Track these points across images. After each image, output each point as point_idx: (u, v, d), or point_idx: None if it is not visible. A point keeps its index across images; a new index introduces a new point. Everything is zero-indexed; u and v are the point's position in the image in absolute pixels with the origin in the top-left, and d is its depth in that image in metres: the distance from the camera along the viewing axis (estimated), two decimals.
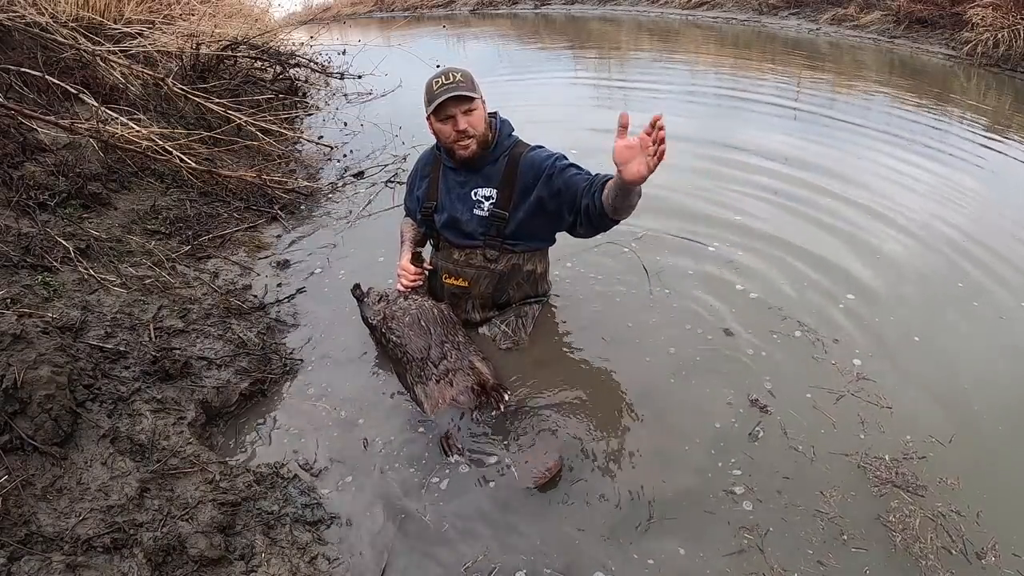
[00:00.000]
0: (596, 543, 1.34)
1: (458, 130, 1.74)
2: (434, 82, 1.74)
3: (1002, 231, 2.65)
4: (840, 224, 2.69)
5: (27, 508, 1.25)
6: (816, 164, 3.40)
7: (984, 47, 6.12)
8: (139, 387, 1.62)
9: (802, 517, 1.37)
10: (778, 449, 1.55)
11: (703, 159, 3.48)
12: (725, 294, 2.19)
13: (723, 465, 1.51)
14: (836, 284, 2.24)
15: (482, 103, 1.79)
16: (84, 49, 3.19)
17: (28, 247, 2.00)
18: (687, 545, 1.32)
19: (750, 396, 1.71)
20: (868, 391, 1.73)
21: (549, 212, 1.81)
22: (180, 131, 3.08)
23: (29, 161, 2.51)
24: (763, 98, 4.94)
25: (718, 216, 2.78)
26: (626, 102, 4.96)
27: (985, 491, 1.42)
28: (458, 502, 1.44)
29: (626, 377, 1.80)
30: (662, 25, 10.04)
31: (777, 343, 1.93)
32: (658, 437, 1.59)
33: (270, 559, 1.29)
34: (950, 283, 2.27)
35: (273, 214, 2.94)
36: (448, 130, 1.76)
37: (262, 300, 2.24)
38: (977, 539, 1.31)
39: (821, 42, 7.90)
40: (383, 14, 15.84)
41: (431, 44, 9.02)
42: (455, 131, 1.75)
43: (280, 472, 1.51)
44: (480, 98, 1.77)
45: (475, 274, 1.92)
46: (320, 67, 5.34)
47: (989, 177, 3.32)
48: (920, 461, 1.49)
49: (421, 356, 1.72)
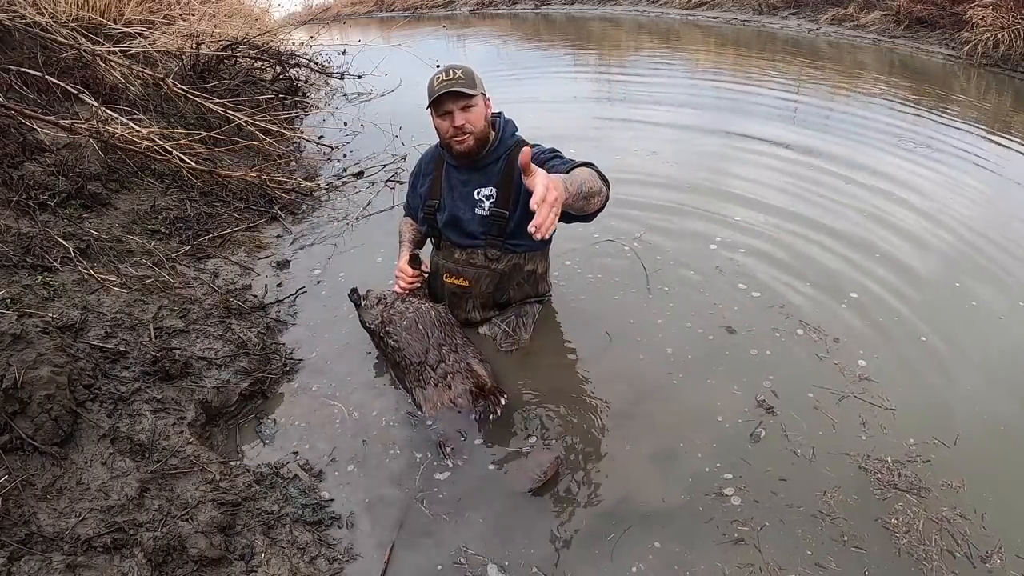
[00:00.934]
0: (597, 544, 1.33)
1: (455, 126, 1.75)
2: (435, 78, 1.74)
3: (1007, 230, 2.65)
4: (841, 223, 2.69)
5: (27, 508, 1.24)
6: (816, 164, 3.40)
7: (984, 47, 6.12)
8: (139, 387, 1.62)
9: (802, 518, 1.37)
10: (778, 450, 1.54)
11: (703, 157, 3.49)
12: (726, 292, 2.18)
13: (722, 466, 1.50)
14: (838, 283, 2.24)
15: (484, 100, 1.79)
16: (84, 49, 3.19)
17: (28, 247, 2.00)
18: (682, 544, 1.32)
19: (751, 396, 1.71)
20: (871, 392, 1.72)
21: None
22: (180, 131, 3.08)
23: (29, 161, 2.51)
24: (763, 99, 4.93)
25: (719, 213, 2.78)
26: (626, 96, 4.96)
27: (990, 494, 1.41)
28: (458, 503, 1.44)
29: (626, 377, 1.80)
30: (662, 25, 10.04)
31: (779, 342, 1.93)
32: (657, 438, 1.59)
33: (270, 559, 1.28)
34: (954, 282, 2.26)
35: (273, 214, 2.94)
36: (446, 126, 1.77)
37: (262, 300, 2.24)
38: (982, 542, 1.30)
39: (821, 42, 7.90)
40: (383, 14, 15.84)
41: (431, 44, 9.02)
42: (452, 127, 1.75)
43: (280, 472, 1.51)
44: (481, 95, 1.77)
45: (476, 274, 1.92)
46: (320, 67, 5.35)
47: (990, 177, 3.32)
48: (924, 464, 1.49)
49: (419, 359, 1.72)
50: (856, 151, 3.64)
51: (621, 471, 1.49)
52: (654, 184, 3.11)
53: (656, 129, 4.08)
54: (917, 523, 1.34)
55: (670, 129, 4.08)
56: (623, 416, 1.66)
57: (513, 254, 1.90)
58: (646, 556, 1.30)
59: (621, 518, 1.38)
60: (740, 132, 3.99)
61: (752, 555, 1.29)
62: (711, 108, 4.64)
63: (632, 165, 3.37)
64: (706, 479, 1.47)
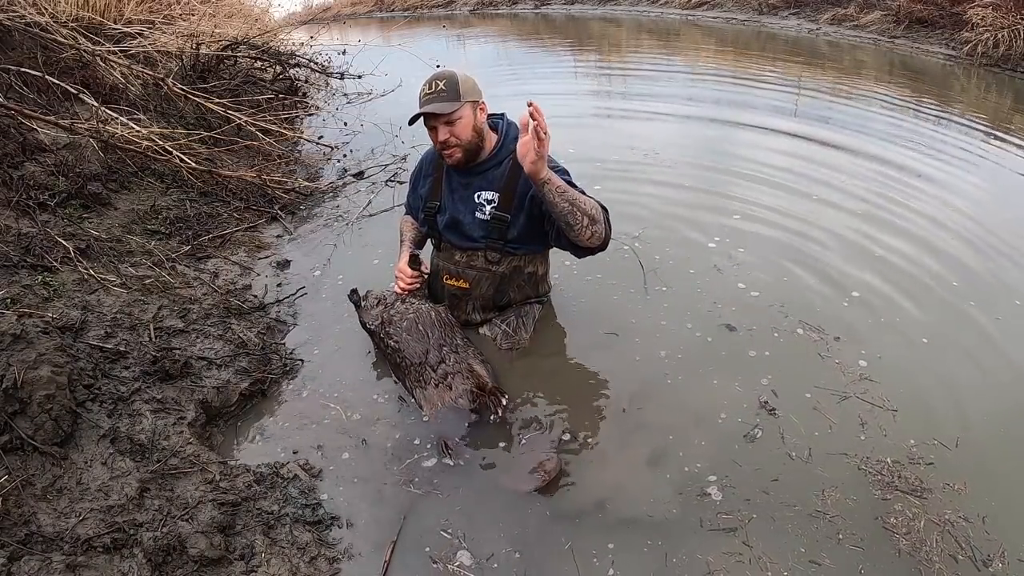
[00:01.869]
0: (597, 543, 1.34)
1: (439, 141, 1.74)
2: (420, 90, 1.73)
3: (1007, 231, 2.64)
4: (841, 222, 2.69)
5: (27, 508, 1.24)
6: (815, 163, 3.40)
7: (984, 47, 6.12)
8: (139, 387, 1.62)
9: (801, 520, 1.37)
10: (776, 450, 1.54)
11: (702, 157, 3.49)
12: (725, 291, 2.18)
13: (717, 465, 1.50)
14: (840, 282, 2.24)
15: (473, 108, 1.74)
16: (84, 49, 3.19)
17: (28, 247, 2.00)
18: (676, 544, 1.32)
19: (751, 396, 1.71)
20: (872, 392, 1.72)
21: (537, 217, 1.80)
22: (180, 131, 3.07)
23: (29, 161, 2.51)
24: (762, 98, 4.93)
25: (718, 211, 2.78)
26: (625, 96, 4.97)
27: (992, 496, 1.40)
28: (459, 503, 1.44)
29: (625, 377, 1.80)
30: (662, 25, 10.04)
31: (779, 342, 1.93)
32: (656, 437, 1.59)
33: (270, 559, 1.28)
34: (952, 282, 2.26)
35: (273, 214, 2.94)
36: (433, 138, 1.77)
37: (262, 300, 2.24)
38: (984, 545, 1.30)
39: (821, 42, 7.90)
40: (383, 14, 15.83)
41: (431, 44, 9.01)
42: (438, 141, 1.75)
43: (280, 472, 1.51)
44: (469, 103, 1.72)
45: (476, 276, 1.91)
46: (320, 67, 5.34)
47: (991, 177, 3.32)
48: (927, 467, 1.48)
49: (419, 360, 1.72)
50: (856, 151, 3.64)
51: (619, 470, 1.49)
52: (653, 183, 3.11)
53: (655, 129, 4.08)
54: (918, 523, 1.34)
55: (669, 129, 4.08)
56: (623, 416, 1.66)
57: (514, 256, 1.90)
58: (646, 555, 1.30)
59: (622, 517, 1.38)
60: (739, 132, 4.00)
61: (741, 549, 1.30)
62: (710, 108, 4.64)
63: (631, 165, 3.36)
64: (703, 479, 1.47)
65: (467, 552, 1.33)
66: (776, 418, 1.63)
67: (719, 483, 1.46)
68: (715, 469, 1.49)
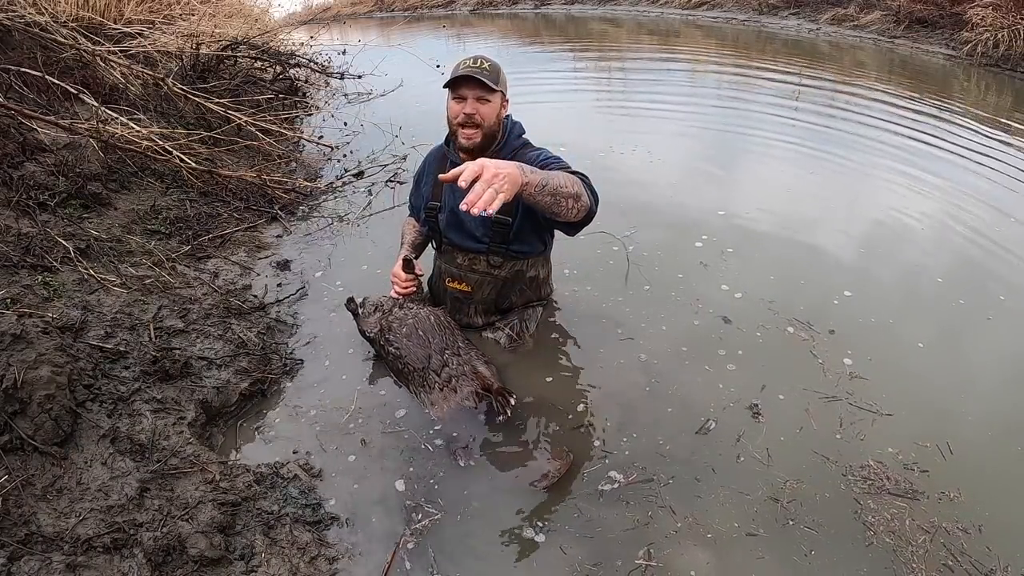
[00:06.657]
0: (597, 543, 1.34)
1: (465, 112, 1.73)
2: (462, 61, 1.74)
3: (1006, 231, 2.64)
4: (836, 222, 2.69)
5: (27, 508, 1.24)
6: (814, 162, 3.40)
7: (984, 47, 6.13)
8: (139, 387, 1.62)
9: (799, 521, 1.37)
10: (767, 450, 1.55)
11: (701, 156, 3.49)
12: (720, 291, 2.19)
13: (711, 465, 1.51)
14: (832, 280, 2.24)
15: (502, 99, 1.77)
16: (84, 49, 3.19)
17: (28, 247, 2.00)
18: (672, 543, 1.32)
19: (740, 396, 1.71)
20: (860, 394, 1.72)
21: (533, 212, 1.79)
22: (180, 131, 3.07)
23: (29, 161, 2.51)
24: (761, 98, 4.93)
25: (713, 212, 2.78)
26: (623, 96, 4.96)
27: (987, 504, 1.40)
28: (460, 503, 1.44)
29: (625, 377, 1.81)
30: (662, 25, 10.04)
31: (769, 341, 1.93)
32: (654, 437, 1.60)
33: (270, 559, 1.29)
34: (952, 282, 2.26)
35: (273, 214, 2.94)
36: (457, 109, 1.75)
37: (262, 300, 2.24)
38: (980, 553, 1.29)
39: (821, 42, 7.90)
40: (383, 14, 15.82)
41: (431, 44, 9.00)
42: (463, 112, 1.73)
43: (280, 472, 1.51)
44: (500, 92, 1.75)
45: (478, 279, 1.91)
46: (320, 67, 5.34)
47: (989, 177, 3.32)
48: (921, 474, 1.48)
49: (422, 365, 1.71)
50: (852, 150, 3.64)
51: (621, 471, 1.50)
52: (653, 183, 3.11)
53: (653, 128, 4.08)
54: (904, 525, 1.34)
55: (667, 128, 4.08)
56: (623, 416, 1.67)
57: (516, 260, 1.89)
58: (643, 554, 1.30)
59: (621, 518, 1.38)
60: (738, 132, 4.00)
61: (747, 557, 1.29)
62: (708, 107, 4.64)
63: (630, 164, 3.36)
64: (699, 480, 1.48)
65: (470, 553, 1.33)
66: (765, 419, 1.64)
67: (718, 480, 1.46)
68: (714, 469, 1.50)
